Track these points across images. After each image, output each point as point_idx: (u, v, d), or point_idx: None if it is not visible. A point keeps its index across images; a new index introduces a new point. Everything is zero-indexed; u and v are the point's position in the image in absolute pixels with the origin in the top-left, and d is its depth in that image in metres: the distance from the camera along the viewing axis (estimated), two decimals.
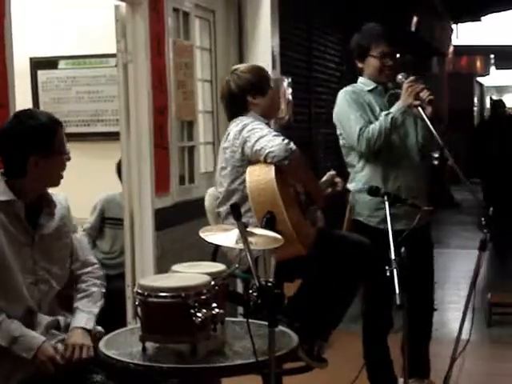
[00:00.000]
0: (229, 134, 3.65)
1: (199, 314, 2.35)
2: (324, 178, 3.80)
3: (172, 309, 2.38)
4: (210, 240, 2.59)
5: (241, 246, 2.43)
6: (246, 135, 3.50)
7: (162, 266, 4.49)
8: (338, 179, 3.77)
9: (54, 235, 2.78)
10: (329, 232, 3.77)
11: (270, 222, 3.15)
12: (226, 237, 2.55)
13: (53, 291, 2.78)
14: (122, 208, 4.77)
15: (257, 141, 3.42)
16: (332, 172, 3.81)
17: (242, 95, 3.67)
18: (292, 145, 3.40)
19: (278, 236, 2.70)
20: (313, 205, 3.71)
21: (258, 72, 3.77)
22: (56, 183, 2.77)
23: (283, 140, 3.39)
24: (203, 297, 2.40)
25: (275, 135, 3.42)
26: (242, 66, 3.89)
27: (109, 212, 5.18)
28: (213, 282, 2.45)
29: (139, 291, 2.44)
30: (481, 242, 3.08)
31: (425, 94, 3.79)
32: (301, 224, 3.43)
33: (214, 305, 2.41)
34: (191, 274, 2.56)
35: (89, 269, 2.95)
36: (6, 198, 2.63)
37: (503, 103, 11.21)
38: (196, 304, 2.37)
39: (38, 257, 2.71)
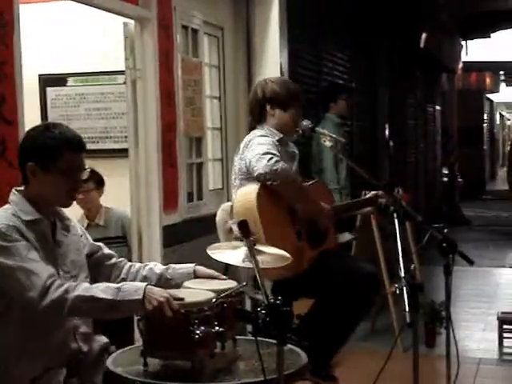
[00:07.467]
0: (240, 147, 3.66)
1: (198, 331, 2.33)
2: (367, 196, 3.85)
3: (172, 325, 2.36)
4: (216, 258, 2.57)
5: (247, 264, 2.41)
6: (247, 151, 3.51)
7: None
8: (382, 199, 3.77)
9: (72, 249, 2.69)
10: (334, 255, 3.72)
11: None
12: (233, 255, 2.53)
13: None
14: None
15: (251, 160, 3.45)
16: (378, 192, 3.79)
17: (263, 103, 3.69)
18: (278, 165, 3.38)
19: (286, 254, 2.66)
20: (317, 226, 3.66)
21: (287, 86, 3.76)
22: (63, 203, 2.66)
23: (269, 160, 3.38)
24: (205, 314, 2.37)
25: (264, 154, 3.41)
26: (274, 77, 3.97)
27: None
28: (214, 300, 2.41)
29: None
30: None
31: None
32: (285, 246, 3.39)
33: (216, 322, 2.38)
34: (198, 290, 2.53)
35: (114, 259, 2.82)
36: (32, 218, 2.55)
37: None
38: (196, 321, 2.34)
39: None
